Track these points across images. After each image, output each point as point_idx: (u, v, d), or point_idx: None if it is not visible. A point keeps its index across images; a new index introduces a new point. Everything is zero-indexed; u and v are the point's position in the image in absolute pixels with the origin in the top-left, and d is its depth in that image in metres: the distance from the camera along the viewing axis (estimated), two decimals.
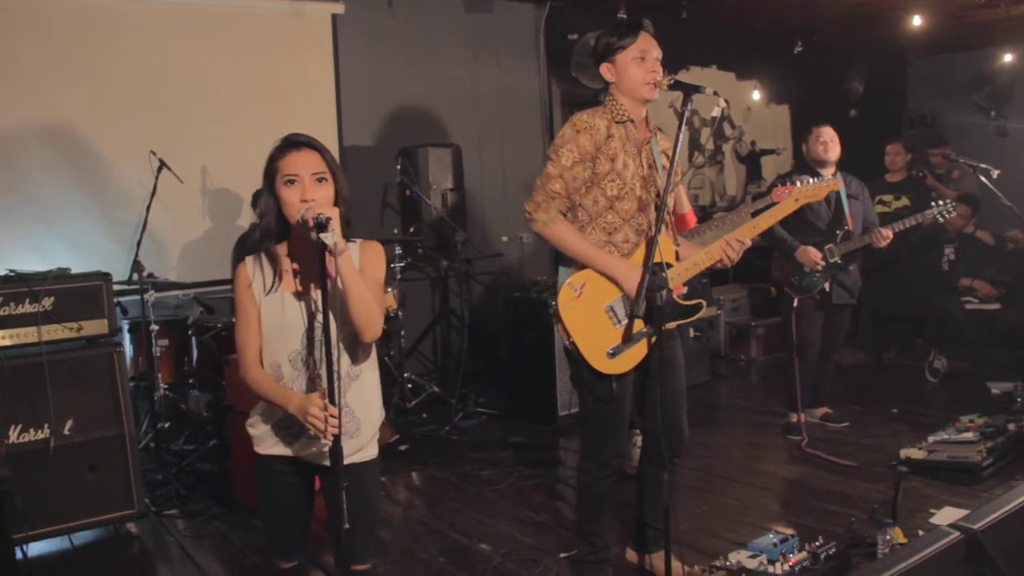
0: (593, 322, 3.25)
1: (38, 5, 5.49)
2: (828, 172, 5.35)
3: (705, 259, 3.30)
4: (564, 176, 3.22)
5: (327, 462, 2.49)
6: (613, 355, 3.24)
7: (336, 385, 2.29)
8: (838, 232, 5.34)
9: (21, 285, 4.03)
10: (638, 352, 3.27)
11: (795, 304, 5.44)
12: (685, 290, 3.43)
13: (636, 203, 3.26)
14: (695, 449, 3.79)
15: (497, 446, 5.65)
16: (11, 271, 4.08)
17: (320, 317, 2.44)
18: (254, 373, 2.48)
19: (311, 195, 2.38)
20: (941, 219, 5.45)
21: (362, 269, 2.47)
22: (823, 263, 5.26)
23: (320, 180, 2.42)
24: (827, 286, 5.41)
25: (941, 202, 5.41)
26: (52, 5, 5.55)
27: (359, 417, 2.52)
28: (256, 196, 5.81)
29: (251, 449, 2.62)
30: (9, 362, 3.93)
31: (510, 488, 4.89)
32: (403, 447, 5.61)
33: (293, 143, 2.45)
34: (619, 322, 3.25)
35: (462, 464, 5.31)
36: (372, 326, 2.43)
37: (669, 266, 3.27)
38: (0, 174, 5.40)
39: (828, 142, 5.40)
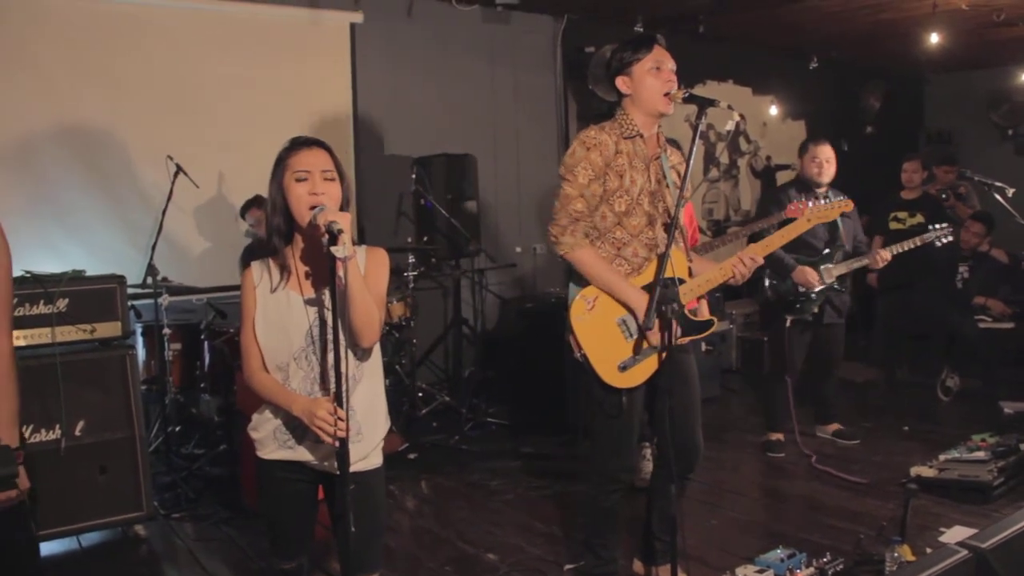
0: (605, 335, 3.25)
1: (58, 8, 5.54)
2: (821, 192, 5.32)
3: (718, 276, 3.30)
4: (584, 195, 3.22)
5: (324, 466, 2.51)
6: (624, 369, 3.24)
7: (344, 388, 2.30)
8: (833, 253, 5.31)
9: (36, 286, 4.06)
10: (649, 366, 3.27)
11: (788, 324, 5.40)
12: (697, 305, 3.43)
13: (645, 219, 3.27)
14: (705, 463, 3.79)
15: (506, 456, 5.65)
16: (26, 272, 4.09)
17: (324, 316, 2.46)
18: (260, 376, 2.50)
19: (321, 190, 2.41)
20: (939, 243, 5.39)
21: (365, 275, 2.49)
22: (820, 284, 5.24)
23: (330, 179, 2.45)
24: (817, 307, 5.38)
25: (938, 226, 5.36)
26: (72, 8, 5.60)
27: (360, 420, 2.51)
28: (246, 207, 5.83)
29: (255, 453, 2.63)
30: (23, 362, 3.91)
31: (518, 498, 4.89)
32: (412, 455, 5.61)
33: (303, 142, 2.49)
34: (631, 336, 3.25)
35: (471, 473, 5.32)
36: (370, 332, 2.45)
37: (682, 282, 3.28)
38: (18, 174, 5.44)
39: (824, 163, 5.37)
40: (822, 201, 3.70)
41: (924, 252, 5.51)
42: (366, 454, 2.56)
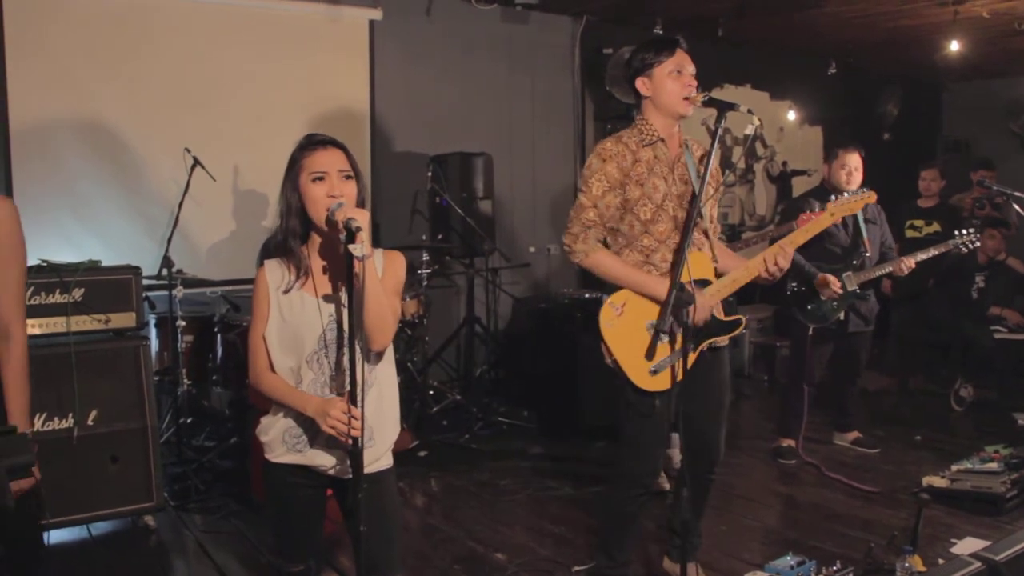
0: (635, 340, 3.24)
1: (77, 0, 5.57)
2: None
3: (744, 275, 3.29)
4: (598, 205, 3.25)
5: (333, 471, 2.48)
6: (656, 372, 3.23)
7: (360, 389, 2.28)
8: (855, 259, 5.25)
9: (52, 275, 4.08)
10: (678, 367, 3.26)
11: (810, 333, 5.32)
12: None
13: (671, 224, 3.26)
14: None
15: (516, 456, 5.65)
16: (43, 261, 4.12)
17: (338, 319, 2.44)
18: (269, 377, 2.47)
19: (339, 190, 2.38)
20: (964, 249, 5.33)
21: (382, 278, 2.47)
22: (841, 291, 5.18)
23: (347, 177, 2.42)
24: (842, 314, 5.31)
25: (965, 231, 5.29)
26: (91, 0, 5.62)
27: (371, 425, 2.47)
28: None
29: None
30: (37, 351, 3.95)
31: (528, 499, 4.88)
32: (422, 453, 5.61)
33: (318, 141, 2.46)
34: (660, 339, 3.24)
35: (481, 472, 5.31)
36: (383, 336, 2.42)
37: (708, 283, 3.27)
38: (36, 164, 5.47)
39: (853, 171, 5.29)
40: (845, 195, 3.71)
41: (940, 261, 5.46)
42: (378, 457, 2.53)
